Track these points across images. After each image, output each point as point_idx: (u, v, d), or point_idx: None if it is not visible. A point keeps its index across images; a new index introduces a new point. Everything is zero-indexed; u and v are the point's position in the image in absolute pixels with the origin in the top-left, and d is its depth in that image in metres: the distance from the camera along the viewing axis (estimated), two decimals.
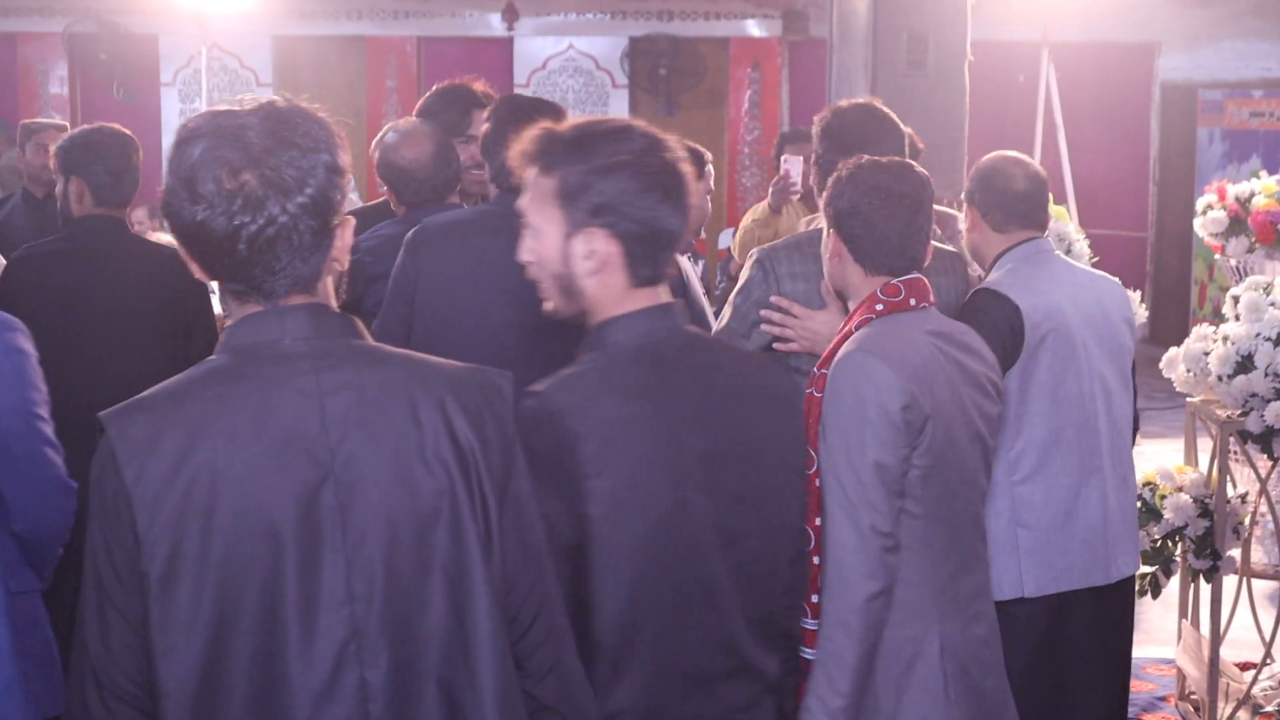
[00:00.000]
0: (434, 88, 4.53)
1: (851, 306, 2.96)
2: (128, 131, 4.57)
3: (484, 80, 4.60)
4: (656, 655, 2.29)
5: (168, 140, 6.48)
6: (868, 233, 2.87)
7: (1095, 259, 5.04)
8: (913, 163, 3.02)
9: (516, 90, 12.12)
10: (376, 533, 1.92)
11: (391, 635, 1.93)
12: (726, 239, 8.18)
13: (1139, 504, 4.71)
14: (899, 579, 2.74)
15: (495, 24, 12.48)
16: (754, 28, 12.56)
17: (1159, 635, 5.83)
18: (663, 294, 2.38)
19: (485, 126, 3.67)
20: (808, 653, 2.76)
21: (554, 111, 3.38)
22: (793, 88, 12.66)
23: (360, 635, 1.91)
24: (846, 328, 2.90)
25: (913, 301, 2.87)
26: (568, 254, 2.31)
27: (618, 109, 12.62)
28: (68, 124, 7.09)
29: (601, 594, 2.25)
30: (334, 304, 2.04)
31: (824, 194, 2.98)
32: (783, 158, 6.12)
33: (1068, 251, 5.36)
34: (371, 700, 1.91)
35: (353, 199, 8.94)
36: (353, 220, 2.05)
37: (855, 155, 2.99)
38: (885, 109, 3.50)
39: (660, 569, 2.28)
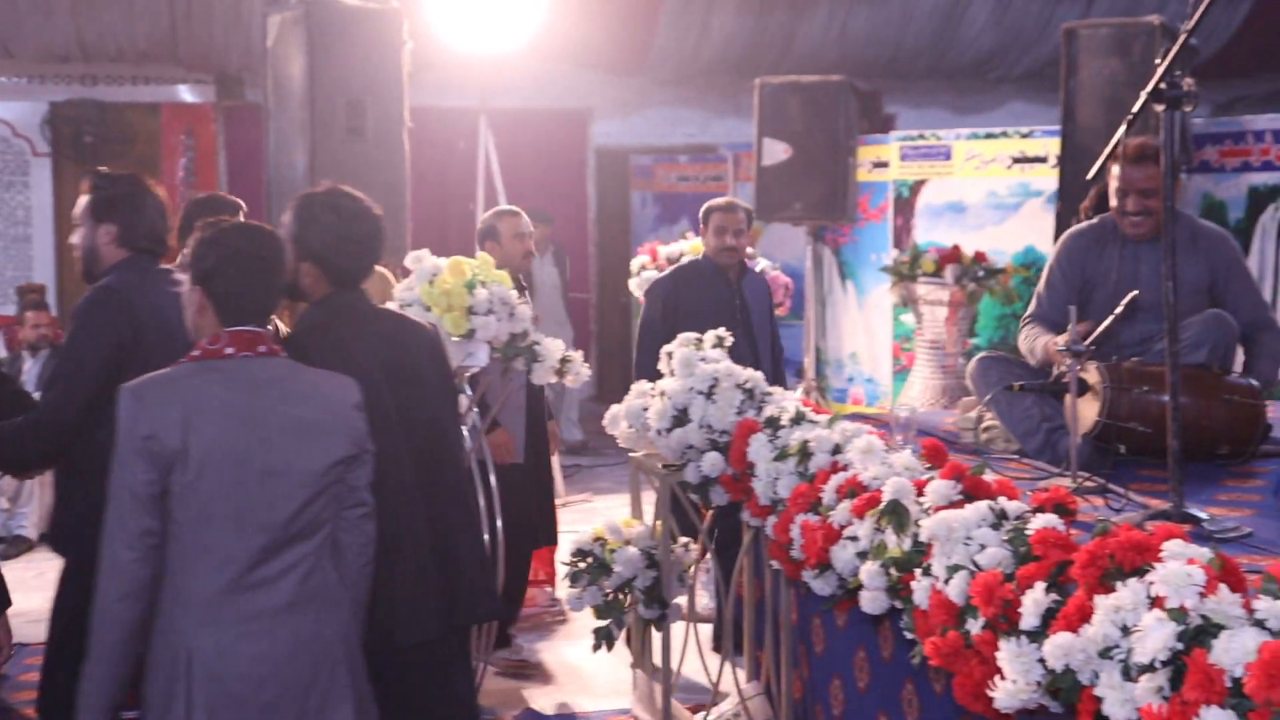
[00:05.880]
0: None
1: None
2: None
3: None
4: None
5: None
6: (230, 290, 3.25)
7: None
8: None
9: None
10: None
11: None
12: None
13: (590, 559, 4.77)
14: (167, 591, 3.14)
15: None
16: (186, 93, 12.13)
17: (616, 686, 5.93)
18: None
19: None
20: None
21: None
22: (230, 154, 12.30)
23: None
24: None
25: (229, 350, 3.23)
26: None
27: (40, 178, 11.87)
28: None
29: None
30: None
31: (190, 254, 3.30)
32: None
33: (511, 315, 5.38)
34: None
35: None
36: None
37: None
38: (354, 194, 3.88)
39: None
